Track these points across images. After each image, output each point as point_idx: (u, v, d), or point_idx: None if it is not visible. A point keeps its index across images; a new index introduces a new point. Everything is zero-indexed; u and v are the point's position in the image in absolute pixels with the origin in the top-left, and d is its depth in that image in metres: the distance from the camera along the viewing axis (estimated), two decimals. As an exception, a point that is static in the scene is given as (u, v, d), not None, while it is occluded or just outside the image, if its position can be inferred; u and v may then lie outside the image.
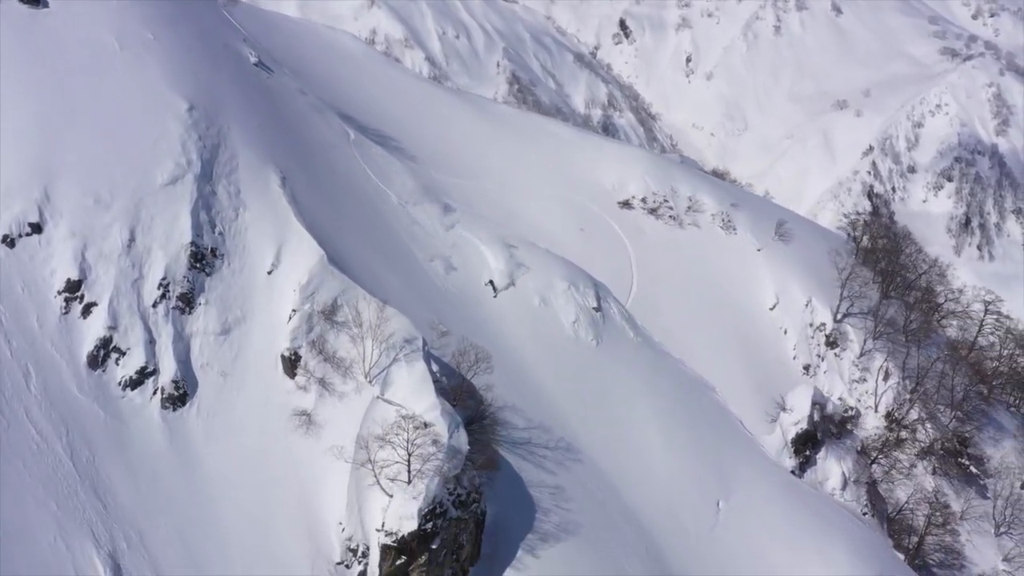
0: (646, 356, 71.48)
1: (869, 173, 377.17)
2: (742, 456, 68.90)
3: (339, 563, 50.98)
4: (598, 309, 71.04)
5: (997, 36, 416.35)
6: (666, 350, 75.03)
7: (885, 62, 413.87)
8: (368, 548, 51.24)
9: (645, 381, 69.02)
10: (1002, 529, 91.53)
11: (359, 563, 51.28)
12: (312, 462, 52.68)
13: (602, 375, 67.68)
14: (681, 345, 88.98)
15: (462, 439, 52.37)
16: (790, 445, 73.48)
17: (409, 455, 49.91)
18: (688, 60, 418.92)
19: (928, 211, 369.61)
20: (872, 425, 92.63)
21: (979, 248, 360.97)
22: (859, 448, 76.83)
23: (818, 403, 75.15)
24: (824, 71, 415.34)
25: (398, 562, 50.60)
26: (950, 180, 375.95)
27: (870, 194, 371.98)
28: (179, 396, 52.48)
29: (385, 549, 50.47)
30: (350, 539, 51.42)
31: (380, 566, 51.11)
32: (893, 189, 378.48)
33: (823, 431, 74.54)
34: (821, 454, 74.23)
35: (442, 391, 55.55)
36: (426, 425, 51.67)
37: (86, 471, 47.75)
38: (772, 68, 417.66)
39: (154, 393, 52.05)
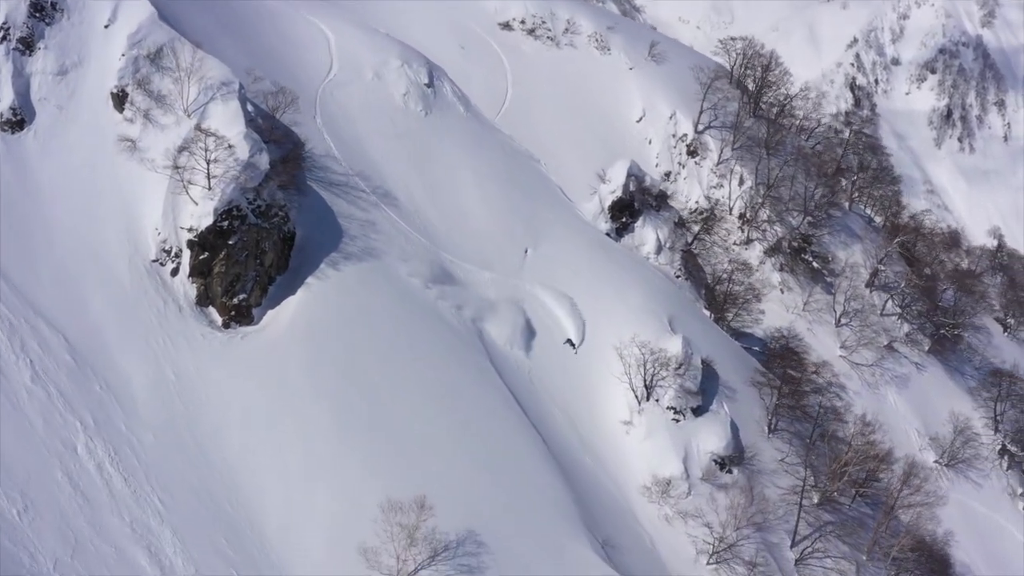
0: (473, 129, 79.37)
1: (852, 65, 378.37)
2: (556, 216, 77.27)
3: (154, 261, 59.73)
4: (430, 85, 78.78)
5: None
6: (497, 127, 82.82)
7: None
8: (180, 250, 60.14)
9: (468, 149, 77.09)
10: (843, 321, 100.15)
11: (172, 262, 60.17)
12: (135, 180, 61.02)
13: (427, 141, 75.70)
14: (548, 149, 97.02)
15: (262, 160, 60.81)
16: (606, 211, 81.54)
17: (208, 163, 58.43)
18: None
19: (911, 105, 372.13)
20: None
21: (960, 140, 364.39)
22: (677, 220, 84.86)
23: (635, 175, 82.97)
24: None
25: (202, 257, 59.54)
26: (933, 72, 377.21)
27: (852, 86, 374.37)
28: (17, 122, 60.73)
29: (190, 245, 59.41)
30: (164, 241, 60.12)
31: (189, 263, 60.12)
32: (876, 82, 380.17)
33: (641, 202, 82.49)
34: (639, 223, 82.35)
35: (256, 128, 63.79)
36: (230, 146, 60.13)
37: (-73, 173, 56.23)
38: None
39: (-6, 118, 60.25)
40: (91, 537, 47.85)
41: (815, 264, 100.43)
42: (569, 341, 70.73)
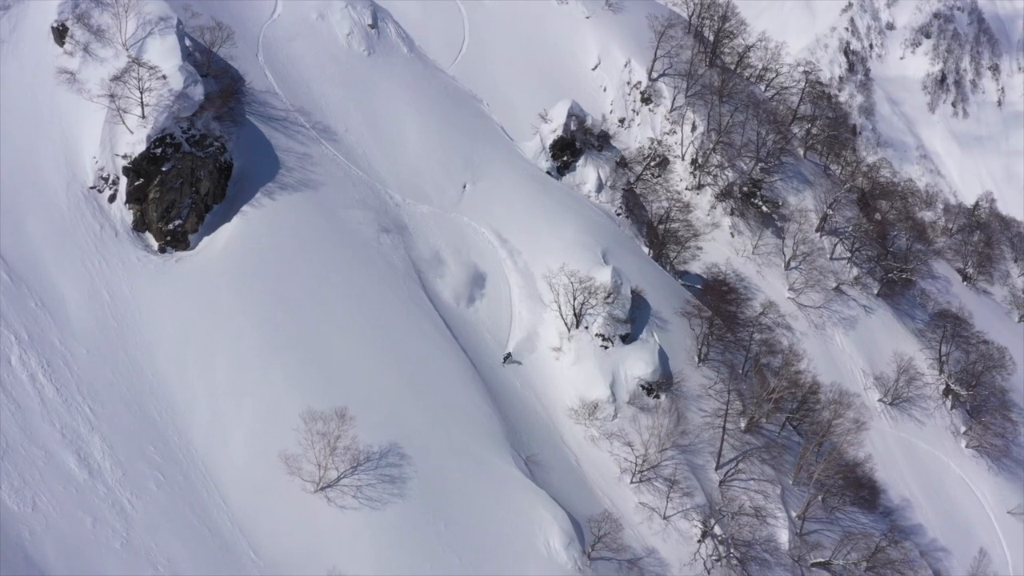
0: (416, 69, 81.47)
1: (847, 30, 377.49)
2: (496, 154, 79.47)
3: (92, 187, 62.03)
4: (373, 26, 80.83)
5: None
6: (440, 67, 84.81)
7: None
8: (118, 177, 62.48)
9: (410, 88, 79.24)
10: (792, 264, 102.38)
11: (109, 189, 62.51)
12: (74, 111, 63.23)
13: (369, 80, 77.83)
14: (503, 96, 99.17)
15: (196, 91, 63.03)
16: (547, 150, 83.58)
17: (141, 92, 60.65)
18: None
19: (905, 71, 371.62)
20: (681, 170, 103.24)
21: (953, 105, 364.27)
22: (619, 160, 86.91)
23: (576, 115, 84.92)
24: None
25: (137, 183, 61.90)
26: (928, 37, 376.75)
27: (846, 51, 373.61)
28: (-41, 55, 62.91)
29: (126, 171, 61.75)
30: (102, 169, 62.43)
31: (126, 190, 62.49)
32: (870, 46, 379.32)
33: (582, 141, 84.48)
34: (581, 162, 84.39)
35: (195, 63, 65.97)
36: (164, 77, 62.39)
37: None
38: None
39: (-65, 52, 62.41)
40: (22, 441, 50.49)
41: (765, 208, 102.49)
42: (508, 355, 70.81)
